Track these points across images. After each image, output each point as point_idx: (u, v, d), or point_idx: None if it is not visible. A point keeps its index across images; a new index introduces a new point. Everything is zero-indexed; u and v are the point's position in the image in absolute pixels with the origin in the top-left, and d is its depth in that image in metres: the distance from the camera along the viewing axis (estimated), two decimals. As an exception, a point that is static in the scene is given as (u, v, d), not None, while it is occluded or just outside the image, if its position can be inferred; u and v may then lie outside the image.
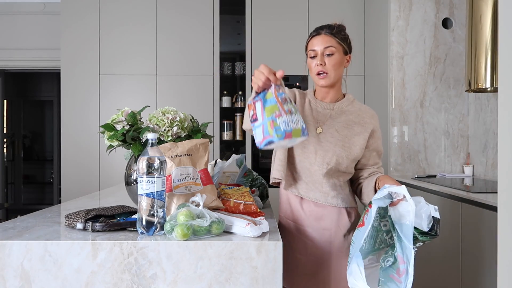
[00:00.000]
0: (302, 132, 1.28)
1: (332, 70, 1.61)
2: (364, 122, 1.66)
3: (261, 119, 1.27)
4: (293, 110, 1.27)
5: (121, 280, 1.24)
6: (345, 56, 1.65)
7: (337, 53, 1.60)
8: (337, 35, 1.61)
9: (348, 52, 1.66)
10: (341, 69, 1.64)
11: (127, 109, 1.72)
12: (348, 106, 1.70)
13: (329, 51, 1.60)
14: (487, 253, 2.21)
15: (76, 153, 4.32)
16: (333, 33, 1.61)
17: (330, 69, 1.61)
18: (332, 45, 1.60)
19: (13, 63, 4.98)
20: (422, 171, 3.53)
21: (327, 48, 1.60)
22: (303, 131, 1.29)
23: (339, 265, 1.63)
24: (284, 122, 1.24)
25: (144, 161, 1.30)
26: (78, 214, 1.42)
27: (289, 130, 1.24)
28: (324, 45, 1.60)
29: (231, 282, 1.25)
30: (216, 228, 1.30)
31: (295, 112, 1.28)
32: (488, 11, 2.82)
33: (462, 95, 3.53)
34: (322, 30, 1.63)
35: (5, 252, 1.24)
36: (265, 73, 1.30)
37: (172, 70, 4.36)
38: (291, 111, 1.26)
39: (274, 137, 1.24)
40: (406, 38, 3.54)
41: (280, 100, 1.25)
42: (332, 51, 1.60)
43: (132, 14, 4.34)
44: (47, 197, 7.41)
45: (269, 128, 1.24)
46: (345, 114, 1.67)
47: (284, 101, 1.26)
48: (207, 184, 1.53)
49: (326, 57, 1.60)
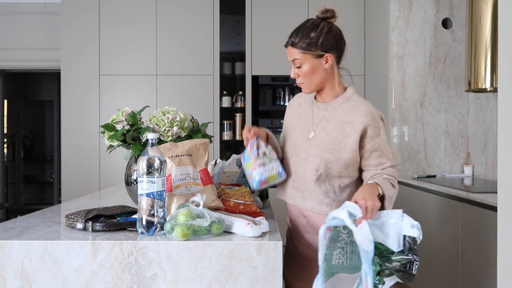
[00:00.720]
0: (278, 176, 1.57)
1: (306, 79, 1.56)
2: (355, 121, 1.53)
3: (245, 172, 1.60)
4: (266, 161, 1.55)
5: (121, 280, 1.24)
6: (320, 58, 1.54)
7: (305, 63, 1.53)
8: (301, 43, 1.52)
9: (324, 53, 1.54)
10: (318, 74, 1.55)
11: (127, 109, 1.72)
12: (343, 104, 1.58)
13: (296, 64, 1.55)
14: (487, 253, 2.21)
15: (76, 153, 4.32)
16: (296, 44, 1.53)
17: (304, 79, 1.57)
18: (296, 57, 1.54)
19: (13, 63, 4.98)
20: (422, 171, 3.53)
21: (293, 62, 1.56)
22: (279, 174, 1.58)
23: None
24: (258, 174, 1.54)
25: (144, 161, 1.30)
26: (78, 214, 1.42)
27: (263, 178, 1.55)
28: (290, 59, 1.57)
29: (231, 282, 1.25)
30: (216, 228, 1.30)
31: (269, 162, 1.55)
32: (488, 11, 2.82)
33: (462, 95, 3.53)
34: (289, 39, 1.57)
35: (5, 252, 1.24)
36: (244, 133, 1.57)
37: (172, 70, 4.36)
38: (264, 163, 1.54)
39: (253, 185, 1.57)
40: (406, 38, 3.54)
41: (254, 157, 1.54)
42: (299, 63, 1.54)
43: (132, 14, 4.34)
44: (47, 197, 7.41)
45: (249, 179, 1.58)
46: (338, 114, 1.57)
47: (257, 157, 1.53)
48: (207, 184, 1.53)
49: (297, 69, 1.56)
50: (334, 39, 1.57)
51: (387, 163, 1.56)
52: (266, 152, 1.56)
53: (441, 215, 2.69)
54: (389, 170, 1.55)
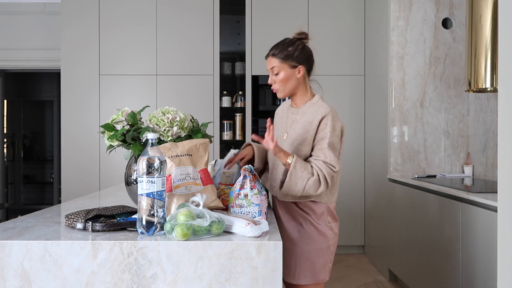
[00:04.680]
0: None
1: (281, 85, 1.85)
2: (315, 120, 1.79)
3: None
4: (245, 204, 1.61)
5: (121, 280, 1.24)
6: (294, 69, 1.83)
7: (282, 71, 1.82)
8: (280, 54, 1.82)
9: (298, 65, 1.83)
10: (291, 81, 1.84)
11: (127, 109, 1.72)
12: (309, 108, 1.85)
13: (274, 71, 1.84)
14: (487, 253, 2.21)
15: (76, 153, 4.32)
16: (276, 54, 1.83)
17: (279, 85, 1.85)
18: (275, 65, 1.83)
19: (13, 63, 4.98)
20: (422, 171, 3.53)
21: (272, 69, 1.85)
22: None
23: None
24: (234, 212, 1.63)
25: (144, 161, 1.30)
26: (78, 214, 1.42)
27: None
28: (269, 67, 1.86)
29: (231, 282, 1.25)
30: (216, 228, 1.30)
31: (246, 206, 1.60)
32: (488, 11, 2.82)
33: (462, 95, 3.53)
34: (270, 51, 1.86)
35: (5, 252, 1.24)
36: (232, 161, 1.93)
37: (172, 70, 4.36)
38: (241, 205, 1.62)
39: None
40: (406, 38, 3.54)
41: (235, 195, 1.62)
42: (277, 70, 1.83)
43: (132, 14, 4.34)
44: (47, 197, 7.41)
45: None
46: (305, 116, 1.84)
47: (237, 197, 1.61)
48: (207, 184, 1.53)
49: (274, 76, 1.84)
50: (306, 55, 1.87)
51: (320, 156, 1.75)
52: (248, 194, 1.62)
53: (441, 215, 2.69)
54: (319, 162, 1.74)
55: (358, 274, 3.78)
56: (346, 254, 4.39)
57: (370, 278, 3.68)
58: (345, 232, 4.36)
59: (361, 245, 4.42)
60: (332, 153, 1.74)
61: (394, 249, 3.46)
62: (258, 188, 1.59)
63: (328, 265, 1.87)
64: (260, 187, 1.61)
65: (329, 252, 1.86)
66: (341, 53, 4.37)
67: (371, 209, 4.15)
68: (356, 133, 4.36)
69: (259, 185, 1.61)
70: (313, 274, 1.84)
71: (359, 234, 4.37)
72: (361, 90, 4.37)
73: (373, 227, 4.10)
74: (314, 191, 1.73)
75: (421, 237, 2.98)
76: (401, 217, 3.32)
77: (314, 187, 1.71)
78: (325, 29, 4.36)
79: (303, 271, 1.83)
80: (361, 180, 4.37)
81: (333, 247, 1.88)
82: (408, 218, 3.20)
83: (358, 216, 4.37)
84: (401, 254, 3.31)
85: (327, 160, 1.73)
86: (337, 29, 4.37)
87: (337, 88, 4.36)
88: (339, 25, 4.38)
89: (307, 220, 1.84)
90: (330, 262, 1.88)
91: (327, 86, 4.39)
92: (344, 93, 4.37)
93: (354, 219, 4.37)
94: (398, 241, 3.38)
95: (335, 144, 1.77)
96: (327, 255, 1.86)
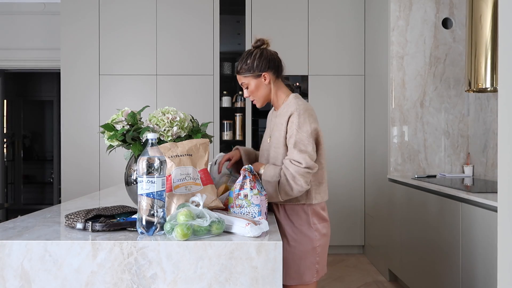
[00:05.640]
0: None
1: (254, 95, 1.93)
2: (284, 120, 1.83)
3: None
4: (245, 204, 1.62)
5: (121, 280, 1.24)
6: (259, 78, 1.89)
7: (250, 83, 1.90)
8: (242, 70, 1.90)
9: (261, 73, 1.88)
10: (261, 90, 1.91)
11: (127, 109, 1.72)
12: (284, 109, 1.89)
13: (244, 86, 1.93)
14: (487, 253, 2.21)
15: (76, 153, 4.32)
16: (239, 71, 1.91)
17: (253, 96, 1.94)
18: (242, 81, 1.92)
19: (13, 63, 4.98)
20: (422, 171, 3.53)
21: (242, 84, 1.93)
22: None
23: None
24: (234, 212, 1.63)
25: (144, 161, 1.30)
26: (78, 214, 1.42)
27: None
28: (240, 83, 1.94)
29: (231, 282, 1.25)
30: (216, 228, 1.30)
31: (246, 206, 1.60)
32: (488, 11, 2.82)
33: (462, 95, 3.53)
34: (235, 68, 1.98)
35: (5, 252, 1.24)
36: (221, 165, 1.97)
37: (172, 70, 4.36)
38: (241, 205, 1.63)
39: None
40: (406, 38, 3.54)
41: (235, 195, 1.63)
42: (245, 85, 1.92)
43: (132, 14, 4.34)
44: (47, 197, 7.41)
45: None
46: (279, 118, 1.88)
47: (237, 197, 1.62)
48: (207, 184, 1.53)
49: (246, 90, 1.94)
50: (266, 61, 1.89)
51: (288, 156, 1.78)
52: (247, 194, 1.63)
53: (441, 215, 2.69)
54: (286, 161, 1.77)
55: (358, 274, 3.78)
56: (346, 254, 4.39)
57: (370, 278, 3.68)
58: (345, 232, 4.36)
59: (361, 245, 4.42)
60: (296, 150, 1.74)
61: (394, 249, 3.46)
62: (258, 188, 1.59)
63: (315, 266, 1.85)
64: (260, 187, 1.61)
65: (314, 253, 1.84)
66: (341, 53, 4.37)
67: (371, 209, 4.15)
68: (356, 133, 4.36)
69: (259, 185, 1.61)
70: (299, 276, 1.83)
71: (359, 234, 4.37)
72: (361, 90, 4.37)
73: (373, 227, 4.10)
74: (292, 192, 1.74)
75: (421, 237, 2.98)
76: (401, 217, 3.32)
77: (287, 187, 1.73)
78: (325, 29, 4.36)
79: (289, 273, 1.81)
80: (361, 180, 4.37)
81: (321, 248, 1.86)
82: (408, 218, 3.20)
83: (358, 216, 4.37)
84: (401, 254, 3.31)
85: (293, 158, 1.74)
86: (337, 29, 4.37)
87: (337, 88, 4.36)
88: (339, 25, 4.38)
89: (290, 222, 1.85)
90: (317, 263, 1.85)
91: (327, 86, 4.40)
92: (344, 93, 4.37)
93: (354, 219, 4.37)
94: (398, 241, 3.38)
95: (303, 140, 1.76)
96: (312, 257, 1.84)
